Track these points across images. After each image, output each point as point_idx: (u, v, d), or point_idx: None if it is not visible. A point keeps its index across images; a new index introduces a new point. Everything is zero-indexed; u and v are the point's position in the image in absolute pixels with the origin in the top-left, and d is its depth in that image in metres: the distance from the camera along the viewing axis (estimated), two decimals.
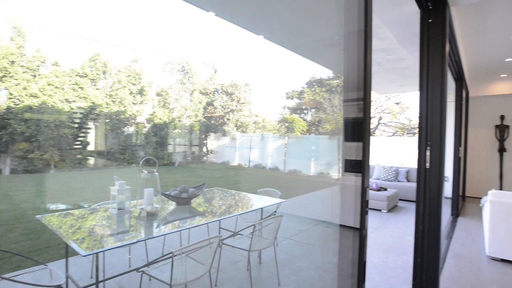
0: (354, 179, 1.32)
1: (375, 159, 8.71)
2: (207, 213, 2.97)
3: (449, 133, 6.38)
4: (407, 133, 15.13)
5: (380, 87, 8.03)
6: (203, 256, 2.23)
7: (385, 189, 6.09)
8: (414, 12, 2.87)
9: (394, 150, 10.44)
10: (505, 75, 6.58)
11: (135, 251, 3.34)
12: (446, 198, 6.51)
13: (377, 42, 4.54)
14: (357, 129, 1.21)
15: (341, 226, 1.71)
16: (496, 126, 7.14)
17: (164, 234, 2.97)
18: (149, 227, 2.47)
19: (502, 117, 7.08)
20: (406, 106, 15.31)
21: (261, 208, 3.35)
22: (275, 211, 3.36)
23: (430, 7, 2.69)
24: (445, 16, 2.65)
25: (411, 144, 9.71)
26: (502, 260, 3.50)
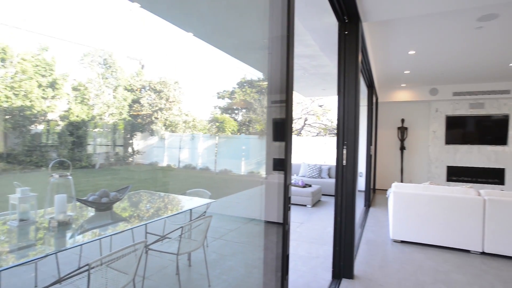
0: (280, 177, 1.39)
1: (301, 158, 9.31)
2: (132, 218, 2.78)
3: (362, 133, 7.18)
4: (329, 134, 16.59)
5: (305, 90, 8.61)
6: (126, 264, 2.07)
7: (310, 186, 6.55)
8: (333, 24, 3.15)
9: (318, 149, 11.31)
10: (405, 85, 7.71)
11: (44, 267, 2.93)
12: (360, 191, 7.33)
13: (303, 48, 4.85)
14: (281, 129, 1.28)
15: (268, 222, 1.78)
16: (398, 128, 8.33)
17: (80, 245, 2.67)
18: (61, 238, 2.19)
19: (403, 120, 8.29)
20: (328, 108, 16.74)
21: (190, 210, 3.28)
22: (205, 212, 3.33)
23: (346, 21, 2.99)
24: (358, 30, 2.98)
25: (332, 143, 10.69)
26: (402, 242, 4.10)
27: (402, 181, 8.23)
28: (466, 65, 5.75)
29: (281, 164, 1.25)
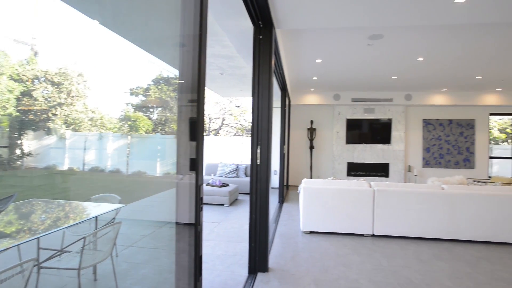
0: (194, 178, 1.37)
1: (219, 158, 9.35)
2: (21, 233, 2.35)
3: (276, 134, 7.61)
4: (246, 134, 17.10)
5: (223, 91, 8.67)
6: None
7: (227, 185, 6.64)
8: (249, 27, 3.25)
9: (235, 149, 11.56)
10: (313, 90, 8.50)
11: None
12: (274, 188, 7.75)
13: (220, 48, 4.87)
14: (193, 129, 1.26)
15: (184, 224, 1.73)
16: (308, 129, 9.13)
17: None
18: None
19: (312, 122, 9.12)
20: (245, 109, 17.25)
21: (96, 217, 2.96)
22: (114, 218, 3.04)
23: (261, 26, 3.12)
24: (272, 35, 3.14)
25: (249, 143, 11.04)
26: (311, 232, 4.51)
27: (311, 177, 9.05)
28: (361, 75, 6.67)
29: (193, 164, 1.23)
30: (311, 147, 9.03)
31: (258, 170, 2.83)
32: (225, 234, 4.44)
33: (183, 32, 1.27)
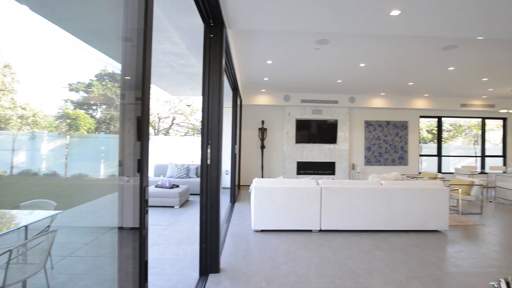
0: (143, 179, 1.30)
1: (169, 158, 9.04)
2: None
3: (227, 133, 7.60)
4: (197, 133, 16.78)
5: (173, 89, 8.40)
6: None
7: (177, 186, 6.45)
8: (200, 25, 3.19)
9: (186, 149, 11.28)
10: (264, 90, 8.66)
11: None
12: (226, 188, 7.72)
13: (170, 45, 4.71)
14: (139, 128, 1.20)
15: (130, 229, 1.64)
16: (259, 129, 9.27)
17: None
18: None
19: (263, 122, 9.28)
20: (197, 108, 16.92)
21: (26, 226, 2.65)
22: (48, 227, 2.76)
23: (212, 24, 3.08)
24: (223, 35, 3.13)
25: (200, 143, 10.86)
26: (262, 231, 4.59)
27: (262, 177, 9.21)
28: (310, 77, 6.97)
29: (138, 165, 1.17)
30: (262, 147, 9.19)
31: (209, 170, 2.80)
32: (175, 237, 4.31)
33: (127, 25, 1.20)
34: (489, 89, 8.07)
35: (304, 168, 9.27)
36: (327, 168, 9.35)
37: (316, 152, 9.28)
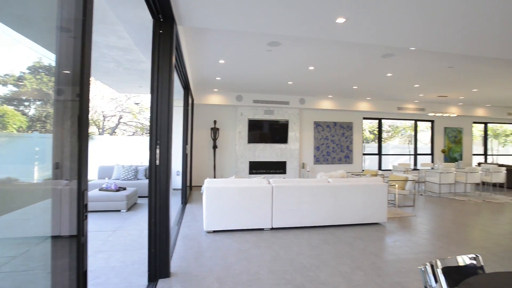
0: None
1: (115, 159, 8.50)
2: None
3: (178, 133, 7.39)
4: (146, 133, 16.03)
5: (120, 86, 7.91)
6: None
7: (124, 189, 6.09)
8: (149, 20, 3.05)
9: (134, 149, 10.71)
10: (217, 90, 8.59)
11: None
12: (177, 189, 7.50)
13: (116, 39, 4.42)
14: (79, 127, 1.10)
15: (69, 237, 1.50)
16: (211, 128, 9.17)
17: None
18: None
19: (215, 122, 9.20)
20: (146, 106, 16.16)
21: None
22: None
23: (162, 20, 2.97)
24: (173, 31, 3.03)
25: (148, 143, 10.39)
26: (214, 231, 4.54)
27: (215, 177, 9.12)
28: (262, 78, 7.08)
29: (78, 168, 1.07)
30: (215, 147, 9.11)
31: (158, 171, 2.69)
32: (122, 243, 4.06)
33: (63, 14, 1.09)
34: (420, 95, 9.00)
35: (257, 168, 9.40)
36: (278, 168, 9.59)
37: (268, 152, 9.47)
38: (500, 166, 9.65)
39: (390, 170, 10.19)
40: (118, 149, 9.65)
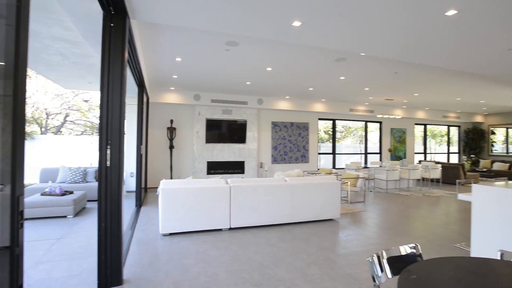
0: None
1: (60, 161, 7.83)
2: None
3: (132, 133, 7.05)
4: (96, 132, 15.01)
5: (66, 81, 7.32)
6: None
7: (71, 192, 5.65)
8: (99, 12, 2.86)
9: (83, 150, 9.97)
10: (174, 88, 8.34)
11: None
12: (131, 192, 7.15)
13: (61, 30, 4.08)
14: (13, 126, 0.99)
15: (4, 248, 1.34)
16: (168, 128, 8.89)
17: None
18: None
19: (172, 121, 8.93)
20: (96, 104, 15.15)
21: None
22: None
23: (113, 12, 2.80)
24: (126, 26, 2.87)
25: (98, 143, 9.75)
26: (171, 234, 4.41)
27: (171, 178, 8.86)
28: (220, 78, 7.03)
29: (12, 172, 0.96)
30: (171, 147, 8.84)
31: (108, 173, 2.53)
32: (68, 251, 3.76)
33: None
34: (370, 97, 9.63)
35: (215, 168, 9.31)
36: (237, 167, 9.60)
37: (226, 152, 9.44)
38: (437, 163, 10.69)
39: (343, 168, 10.74)
40: (64, 150, 8.90)
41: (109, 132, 2.54)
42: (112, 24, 2.79)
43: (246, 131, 9.67)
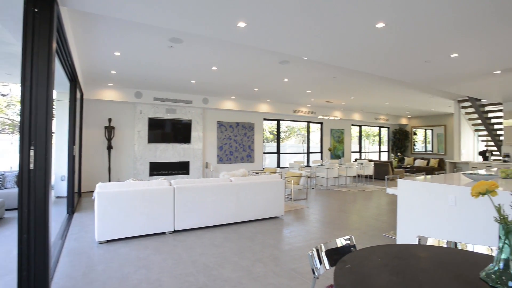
0: None
1: None
2: None
3: (63, 132, 6.40)
4: (17, 131, 13.26)
5: None
6: None
7: None
8: None
9: (1, 151, 8.72)
10: (112, 85, 7.77)
11: None
12: (62, 197, 6.49)
13: None
14: None
15: None
16: (106, 127, 8.25)
17: None
18: None
19: (110, 120, 8.31)
20: (17, 99, 13.35)
21: None
22: None
23: None
24: (53, 12, 2.58)
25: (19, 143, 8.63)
26: (108, 241, 4.10)
27: (110, 181, 8.24)
28: (164, 75, 6.75)
29: None
30: (110, 147, 8.23)
31: (32, 177, 2.24)
32: None
33: None
34: (312, 99, 10.15)
35: (158, 169, 8.92)
36: (181, 168, 9.33)
37: (170, 152, 9.11)
38: (370, 161, 11.73)
39: (287, 167, 11.14)
40: None
41: (33, 131, 2.25)
42: (36, 9, 2.49)
43: (191, 130, 9.45)
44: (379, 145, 15.88)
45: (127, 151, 8.62)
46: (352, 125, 14.37)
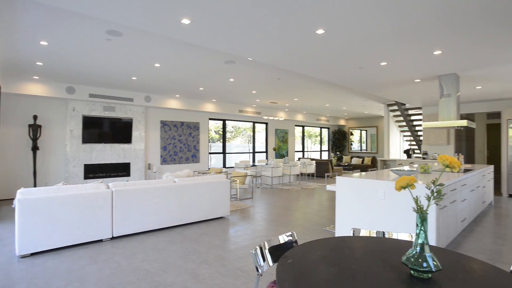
0: None
1: None
2: None
3: None
4: None
5: None
6: None
7: None
8: None
9: None
10: (38, 78, 6.93)
11: None
12: None
13: None
14: None
15: None
16: (30, 126, 7.34)
17: None
18: None
19: (35, 117, 7.41)
20: None
21: None
22: None
23: None
24: None
25: None
26: (32, 254, 3.65)
27: (36, 185, 7.35)
28: (101, 70, 6.24)
29: None
30: (35, 148, 7.34)
31: None
32: None
33: None
34: (257, 100, 10.33)
35: (94, 171, 8.22)
36: (121, 170, 8.74)
37: (108, 153, 8.47)
38: (312, 160, 12.37)
39: (233, 167, 11.16)
40: None
41: None
42: None
43: (132, 130, 8.91)
44: (320, 145, 16.84)
45: (57, 152, 7.78)
46: (296, 125, 14.99)
